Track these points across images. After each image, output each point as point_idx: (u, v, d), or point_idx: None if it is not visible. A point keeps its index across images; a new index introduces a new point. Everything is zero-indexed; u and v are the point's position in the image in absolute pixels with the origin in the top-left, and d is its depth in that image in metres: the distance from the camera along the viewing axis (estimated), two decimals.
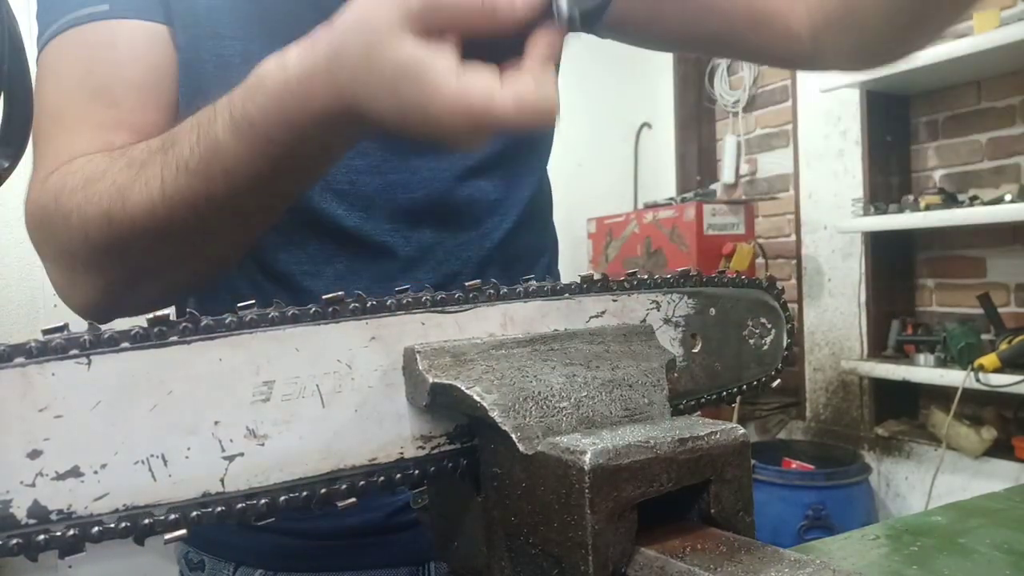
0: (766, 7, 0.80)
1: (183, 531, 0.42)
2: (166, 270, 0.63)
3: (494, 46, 0.46)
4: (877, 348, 2.83)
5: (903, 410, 2.90)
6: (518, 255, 0.80)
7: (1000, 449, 2.46)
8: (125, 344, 0.41)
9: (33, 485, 0.38)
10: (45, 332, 0.40)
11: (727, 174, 3.55)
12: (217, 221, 0.57)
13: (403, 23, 0.44)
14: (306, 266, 0.73)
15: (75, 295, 0.65)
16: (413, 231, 0.74)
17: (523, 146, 0.81)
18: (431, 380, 0.46)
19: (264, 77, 0.50)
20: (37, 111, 0.67)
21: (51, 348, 0.39)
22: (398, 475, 0.48)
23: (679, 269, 0.61)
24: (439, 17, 0.44)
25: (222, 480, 0.43)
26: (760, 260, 3.15)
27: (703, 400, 0.62)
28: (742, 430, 0.45)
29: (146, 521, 0.41)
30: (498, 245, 0.78)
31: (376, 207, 0.73)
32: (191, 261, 0.62)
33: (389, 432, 0.48)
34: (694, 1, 0.80)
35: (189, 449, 0.42)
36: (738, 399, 0.66)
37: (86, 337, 0.40)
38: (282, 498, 0.45)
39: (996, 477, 2.45)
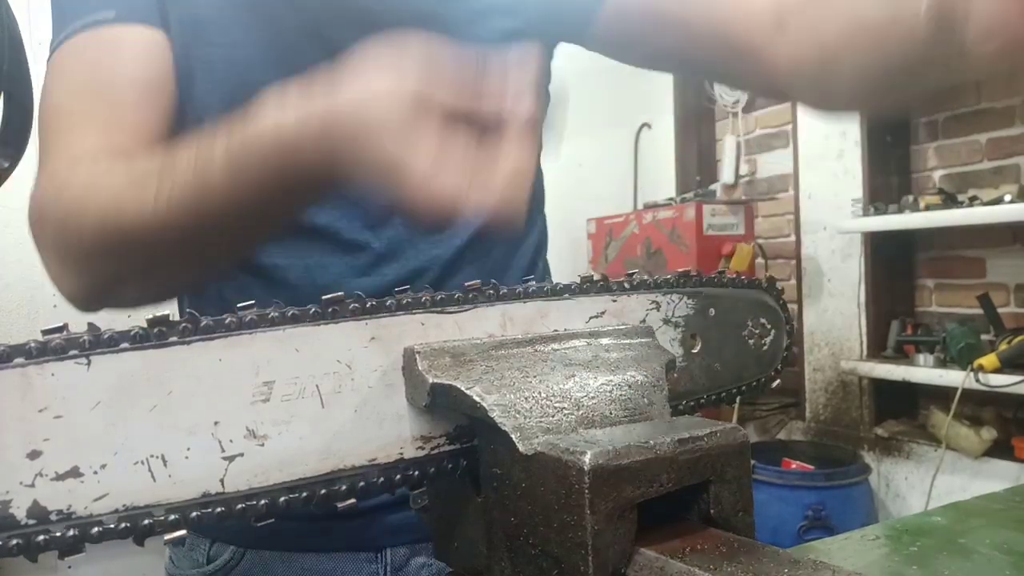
0: (742, 41, 0.81)
1: (183, 531, 0.42)
2: (151, 277, 0.66)
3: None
4: (877, 348, 2.83)
5: (903, 410, 2.90)
6: (491, 251, 0.81)
7: (1000, 449, 2.46)
8: (125, 344, 0.41)
9: (33, 485, 0.38)
10: (45, 332, 0.40)
11: (727, 174, 3.55)
12: (203, 243, 0.60)
13: (395, 120, 0.47)
14: (279, 259, 0.75)
15: (64, 285, 0.68)
16: (384, 228, 0.76)
17: None
18: (431, 380, 0.46)
19: (261, 129, 0.53)
20: (45, 109, 0.71)
21: (51, 348, 0.39)
22: (398, 475, 0.48)
23: (679, 269, 0.61)
24: (432, 112, 0.47)
25: (222, 480, 0.43)
26: (760, 260, 3.15)
27: (703, 400, 0.62)
28: (742, 430, 0.45)
29: (146, 521, 0.41)
30: (468, 242, 0.79)
31: (346, 206, 0.75)
32: (176, 273, 0.66)
33: (389, 432, 0.48)
34: (675, 29, 0.83)
35: (189, 449, 0.42)
36: (738, 399, 0.66)
37: (86, 337, 0.40)
38: (282, 498, 0.45)
39: (996, 477, 2.45)
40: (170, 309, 0.44)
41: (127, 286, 0.66)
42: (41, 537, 0.39)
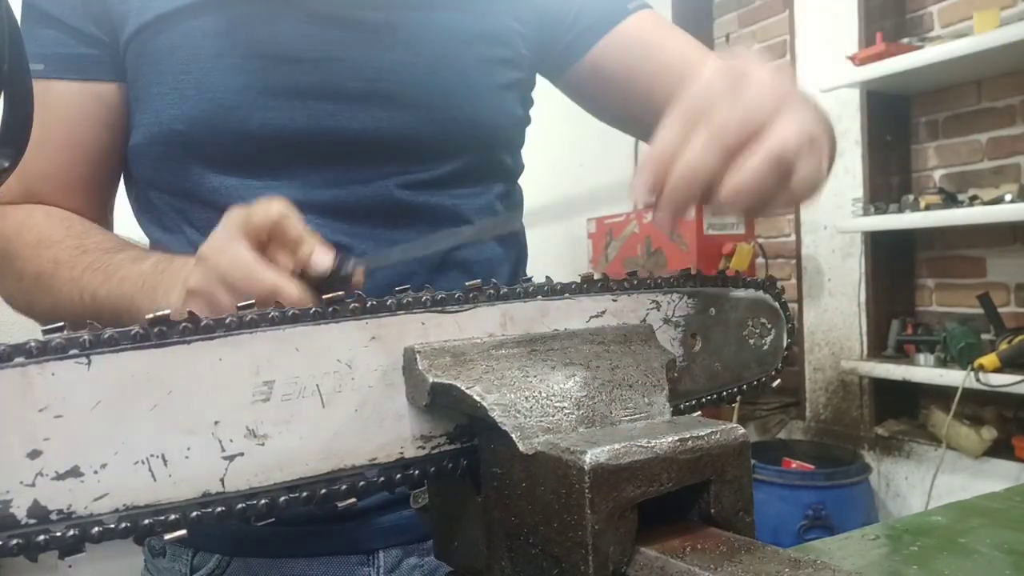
0: None
1: (183, 531, 0.42)
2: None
3: None
4: (877, 348, 2.83)
5: (903, 410, 2.89)
6: (474, 262, 0.82)
7: (1000, 449, 2.46)
8: (125, 344, 0.41)
9: (33, 485, 0.38)
10: (45, 332, 0.40)
11: None
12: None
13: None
14: None
15: (2, 293, 0.79)
16: (368, 234, 0.77)
17: (480, 165, 0.83)
18: (431, 380, 0.46)
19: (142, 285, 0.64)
20: None
21: (51, 348, 0.39)
22: (398, 475, 0.48)
23: (679, 269, 0.61)
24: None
25: (222, 480, 0.43)
26: (760, 260, 3.15)
27: (703, 400, 0.62)
28: (742, 430, 0.45)
29: (146, 521, 0.41)
30: (450, 251, 0.80)
31: (330, 213, 0.76)
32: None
33: (389, 432, 0.48)
34: (639, 100, 0.88)
35: (189, 449, 0.42)
36: (738, 399, 0.66)
37: (86, 337, 0.40)
38: (282, 498, 0.45)
39: (996, 477, 2.44)
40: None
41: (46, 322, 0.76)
42: (41, 537, 0.39)
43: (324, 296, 0.47)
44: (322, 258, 0.53)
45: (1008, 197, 2.35)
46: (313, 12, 0.75)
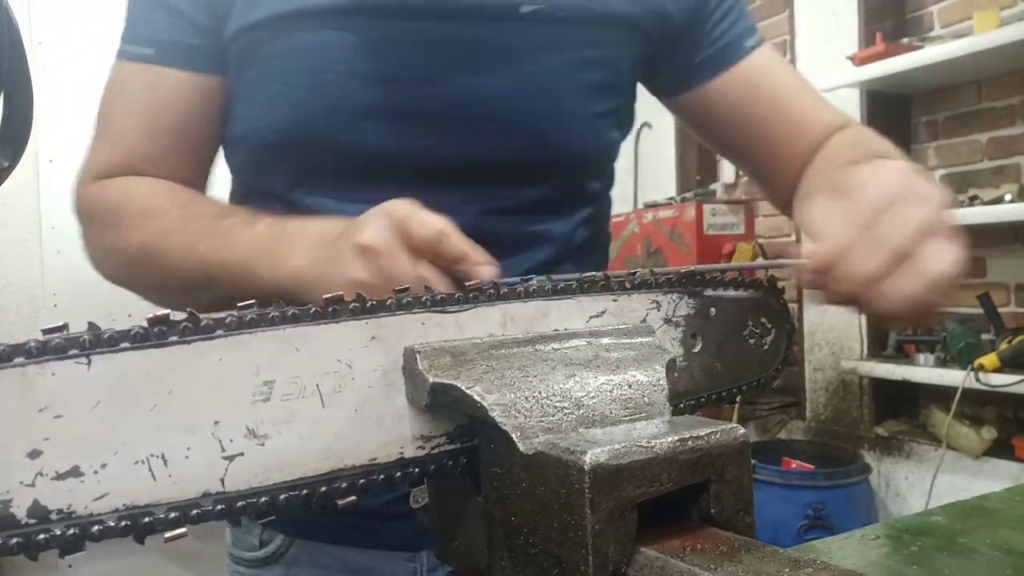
0: (773, 166, 0.92)
1: (183, 530, 0.42)
2: (168, 298, 0.77)
3: None
4: (877, 348, 2.83)
5: (903, 410, 2.89)
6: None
7: (1000, 449, 2.46)
8: (125, 344, 0.41)
9: (33, 485, 0.38)
10: (45, 332, 0.40)
11: (727, 174, 3.55)
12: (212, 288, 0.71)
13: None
14: None
15: (101, 267, 0.80)
16: None
17: (566, 191, 0.84)
18: (431, 380, 0.46)
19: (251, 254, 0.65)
20: (99, 106, 0.82)
21: (51, 348, 0.39)
22: (398, 475, 0.48)
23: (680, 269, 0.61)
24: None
25: (222, 480, 0.43)
26: (760, 260, 3.15)
27: (703, 400, 0.62)
28: (742, 430, 0.45)
29: (146, 520, 0.41)
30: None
31: None
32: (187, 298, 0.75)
33: (389, 432, 0.48)
34: (742, 136, 0.92)
35: (189, 449, 0.42)
36: (738, 399, 0.66)
37: (86, 337, 0.40)
38: (282, 497, 0.45)
39: (996, 477, 2.45)
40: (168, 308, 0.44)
41: (149, 293, 0.79)
42: (41, 536, 0.39)
43: (324, 296, 0.47)
44: (490, 270, 0.56)
45: (1008, 197, 2.35)
46: (421, 33, 0.74)
